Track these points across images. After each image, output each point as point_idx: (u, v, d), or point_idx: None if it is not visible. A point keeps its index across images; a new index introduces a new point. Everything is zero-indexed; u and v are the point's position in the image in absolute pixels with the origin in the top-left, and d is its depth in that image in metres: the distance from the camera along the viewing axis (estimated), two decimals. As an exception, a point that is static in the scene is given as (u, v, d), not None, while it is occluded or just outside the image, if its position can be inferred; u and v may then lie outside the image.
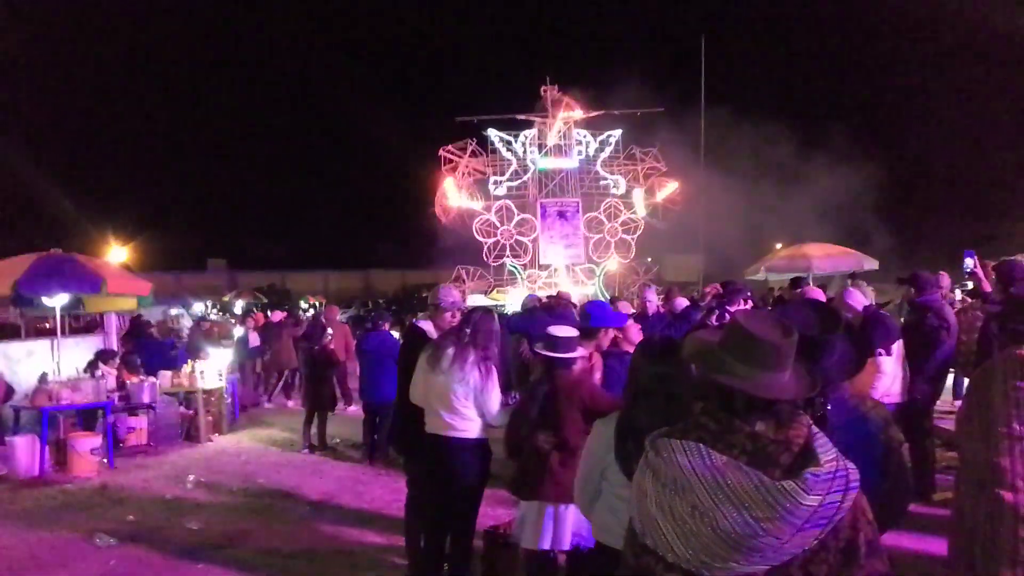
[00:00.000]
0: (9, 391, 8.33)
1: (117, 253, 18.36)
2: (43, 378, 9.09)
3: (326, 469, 8.01)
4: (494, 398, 4.18)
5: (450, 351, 4.18)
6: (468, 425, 4.17)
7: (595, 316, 4.58)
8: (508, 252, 17.07)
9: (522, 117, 17.26)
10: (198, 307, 24.78)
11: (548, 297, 8.91)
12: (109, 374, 9.35)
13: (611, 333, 4.77)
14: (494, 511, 6.04)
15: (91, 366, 9.48)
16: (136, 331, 11.89)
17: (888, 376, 5.50)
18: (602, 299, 15.64)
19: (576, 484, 2.99)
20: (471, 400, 4.14)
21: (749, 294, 7.76)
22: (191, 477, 7.64)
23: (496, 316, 4.46)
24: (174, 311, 18.46)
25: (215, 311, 29.34)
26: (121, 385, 9.35)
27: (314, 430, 9.00)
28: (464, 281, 17.05)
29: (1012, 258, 5.35)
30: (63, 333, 10.43)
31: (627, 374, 2.80)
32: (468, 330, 4.23)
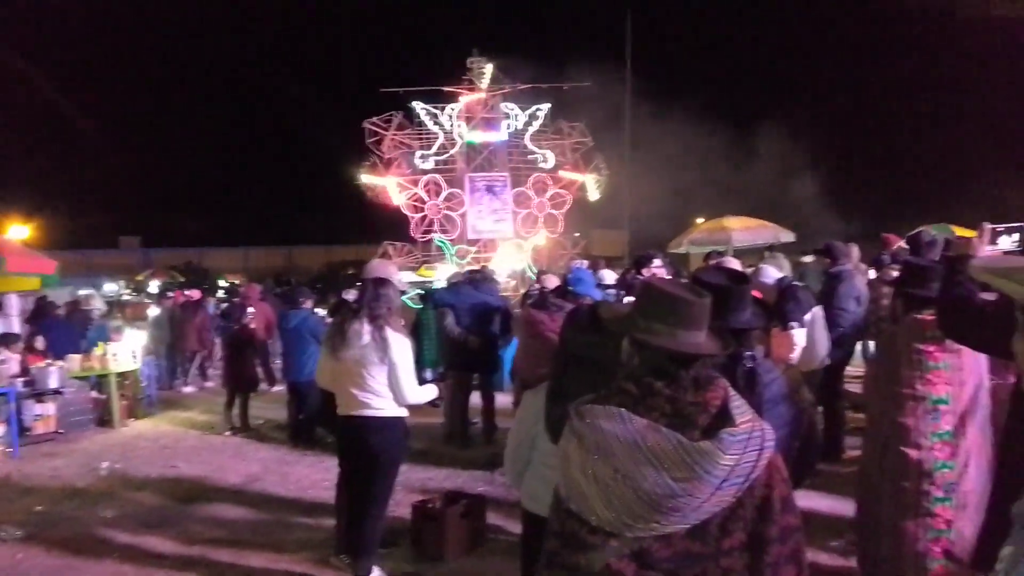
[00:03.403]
0: None
1: (17, 230, 17.24)
2: (-63, 364, 8.51)
3: (249, 451, 7.81)
4: (401, 371, 4.04)
5: (347, 329, 4.08)
6: (381, 403, 4.09)
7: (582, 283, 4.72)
8: (436, 227, 16.91)
9: (449, 89, 17.02)
10: (110, 287, 23.64)
11: (471, 271, 8.88)
12: (11, 358, 8.81)
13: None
14: (424, 484, 6.05)
15: (-9, 350, 8.91)
16: (41, 313, 11.25)
17: (800, 348, 5.72)
18: (530, 274, 15.72)
19: (506, 454, 3.01)
20: (379, 376, 4.04)
21: (668, 263, 7.90)
22: (104, 464, 7.31)
23: (389, 284, 4.30)
24: (84, 291, 17.55)
25: (129, 291, 28.10)
26: (25, 370, 8.84)
27: (236, 412, 8.76)
28: (391, 257, 16.82)
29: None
30: (-42, 316, 9.78)
31: (557, 343, 2.82)
32: (356, 304, 4.14)
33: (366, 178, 16.55)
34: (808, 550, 1.76)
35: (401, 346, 4.09)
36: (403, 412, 4.20)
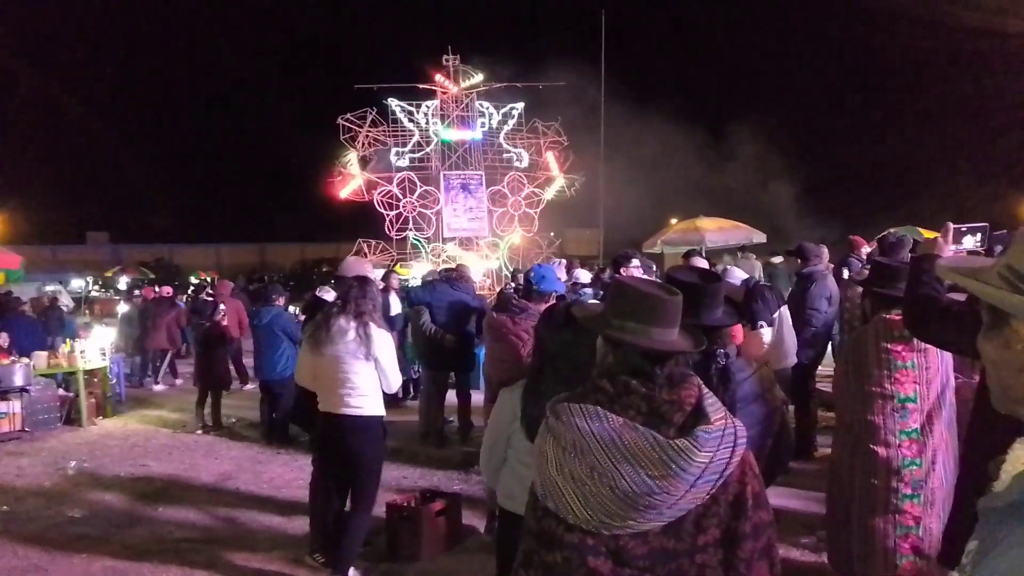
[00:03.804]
0: None
1: (-19, 225, 16.85)
2: None
3: (221, 450, 7.72)
4: (386, 364, 4.11)
5: (332, 325, 4.09)
6: (363, 401, 4.10)
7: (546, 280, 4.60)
8: (411, 225, 16.86)
9: (424, 86, 16.96)
10: (77, 283, 23.20)
11: (447, 270, 8.86)
12: (-26, 356, 8.63)
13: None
14: (399, 483, 6.03)
15: (-47, 347, 8.71)
16: (5, 309, 11.02)
17: (769, 347, 5.79)
18: (505, 272, 15.73)
19: (482, 453, 3.00)
20: (364, 372, 4.07)
21: (652, 267, 7.94)
22: (72, 463, 7.18)
23: (371, 282, 4.40)
24: (50, 287, 17.22)
25: (97, 287, 27.62)
26: (-11, 367, 8.64)
27: (208, 410, 8.65)
28: (366, 255, 16.72)
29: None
30: (-81, 312, 9.53)
31: (522, 345, 2.83)
32: (339, 302, 4.17)
33: (350, 163, 16.35)
34: (780, 546, 1.79)
35: (385, 341, 4.14)
36: (382, 411, 4.23)
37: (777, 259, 11.33)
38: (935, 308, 2.65)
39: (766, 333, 5.71)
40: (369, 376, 4.09)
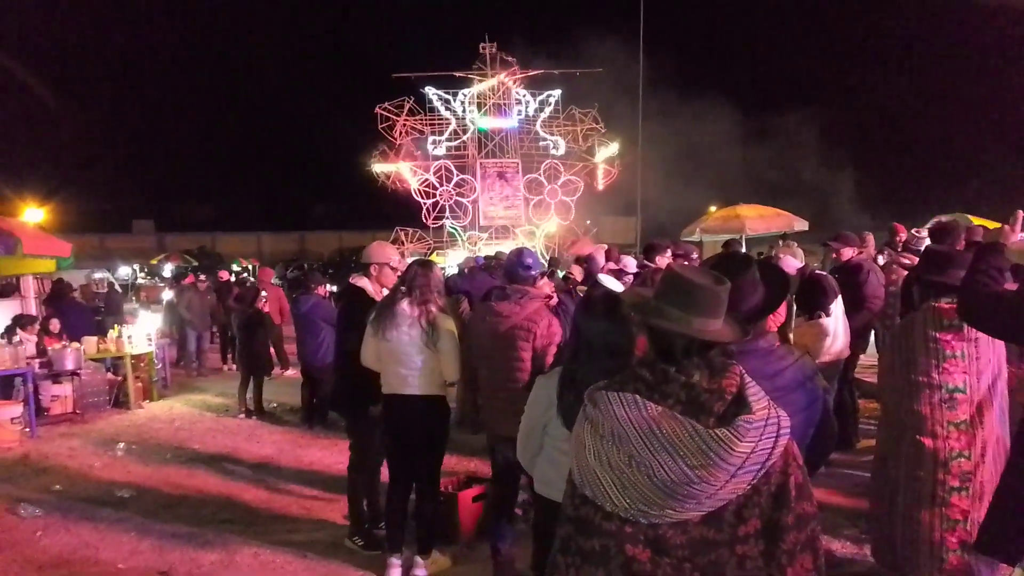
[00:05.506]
0: None
1: (33, 214, 17.34)
2: (-45, 345, 8.61)
3: (263, 434, 7.88)
4: (446, 351, 4.10)
5: (393, 310, 4.10)
6: (426, 381, 4.13)
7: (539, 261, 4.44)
8: (448, 213, 16.92)
9: (461, 74, 16.96)
10: (124, 270, 23.84)
11: (486, 257, 8.86)
12: (28, 340, 8.93)
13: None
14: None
15: (8, 332, 9.03)
16: (57, 295, 11.36)
17: (830, 337, 5.62)
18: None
19: (518, 440, 3.00)
20: (428, 356, 4.08)
21: (692, 253, 7.85)
22: (120, 445, 7.40)
23: (434, 266, 4.37)
24: (98, 274, 17.72)
25: (143, 275, 28.35)
26: (42, 351, 8.94)
27: (250, 394, 8.83)
28: (403, 243, 16.86)
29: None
30: (-24, 298, 9.89)
31: (570, 329, 2.81)
32: (404, 287, 4.16)
33: (378, 167, 16.53)
34: (822, 538, 1.76)
35: (448, 328, 4.12)
36: (445, 391, 4.27)
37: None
38: (991, 297, 2.57)
39: (828, 323, 5.50)
40: (431, 358, 4.09)
